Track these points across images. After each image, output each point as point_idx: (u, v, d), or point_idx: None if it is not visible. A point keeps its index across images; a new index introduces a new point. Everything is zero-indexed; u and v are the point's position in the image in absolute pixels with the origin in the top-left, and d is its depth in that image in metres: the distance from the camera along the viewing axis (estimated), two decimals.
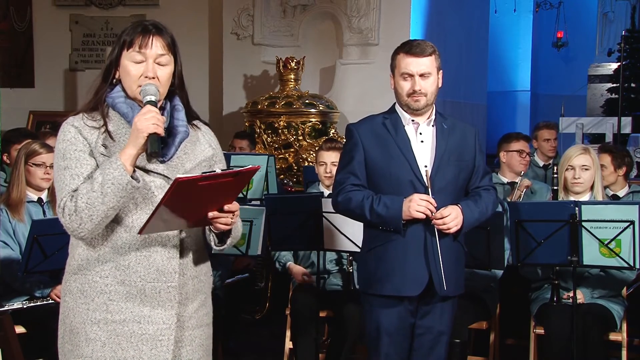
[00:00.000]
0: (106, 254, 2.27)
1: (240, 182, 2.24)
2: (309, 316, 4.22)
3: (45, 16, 9.06)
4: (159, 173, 2.29)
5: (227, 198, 2.25)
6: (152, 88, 2.25)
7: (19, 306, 3.83)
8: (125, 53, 2.30)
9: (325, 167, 4.48)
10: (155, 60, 2.29)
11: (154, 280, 2.28)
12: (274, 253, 4.59)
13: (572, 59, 13.59)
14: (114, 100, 2.31)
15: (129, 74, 2.29)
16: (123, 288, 2.26)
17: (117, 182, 2.16)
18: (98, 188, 2.16)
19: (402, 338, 3.17)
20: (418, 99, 3.11)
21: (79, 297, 2.28)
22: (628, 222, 3.48)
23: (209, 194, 2.17)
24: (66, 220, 2.21)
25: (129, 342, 2.26)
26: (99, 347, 2.25)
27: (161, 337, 2.28)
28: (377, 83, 7.49)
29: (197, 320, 2.39)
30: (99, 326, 2.26)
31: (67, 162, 2.24)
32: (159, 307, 2.28)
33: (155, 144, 2.18)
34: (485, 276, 4.20)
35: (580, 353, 3.72)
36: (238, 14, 8.40)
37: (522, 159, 5.00)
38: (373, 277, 3.15)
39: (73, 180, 2.22)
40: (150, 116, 2.18)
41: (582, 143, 8.04)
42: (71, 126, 2.28)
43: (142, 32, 2.29)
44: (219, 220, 2.26)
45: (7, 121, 5.72)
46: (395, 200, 3.04)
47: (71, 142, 2.26)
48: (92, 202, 2.16)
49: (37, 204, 4.10)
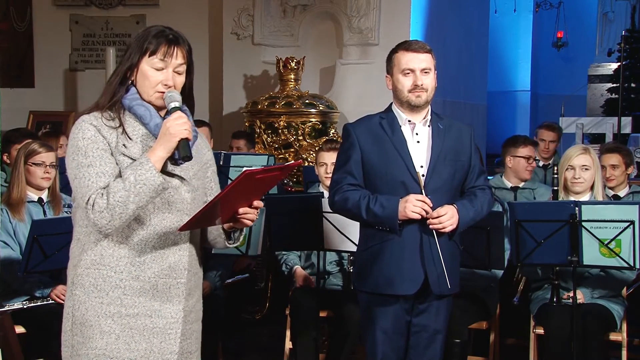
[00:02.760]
0: (122, 250, 2.34)
1: (279, 178, 2.40)
2: (309, 316, 4.22)
3: (45, 16, 9.05)
4: (176, 174, 2.38)
5: (258, 194, 2.38)
6: (176, 95, 2.36)
7: (19, 306, 3.83)
8: (146, 59, 2.37)
9: (326, 167, 4.48)
10: (174, 69, 2.38)
11: (166, 277, 2.38)
12: (280, 255, 4.60)
13: (572, 59, 13.58)
14: (130, 102, 2.38)
15: (147, 79, 2.37)
16: (137, 283, 2.35)
17: (149, 183, 2.25)
18: (130, 187, 2.23)
19: (399, 336, 3.20)
20: (420, 95, 3.12)
21: (92, 291, 2.34)
22: (628, 222, 3.48)
23: (252, 188, 2.30)
24: (96, 217, 2.26)
25: (142, 335, 2.35)
26: (113, 340, 2.33)
27: (170, 330, 2.39)
28: (377, 83, 7.45)
29: (195, 314, 2.50)
30: (113, 319, 2.34)
31: (90, 160, 2.30)
32: (168, 302, 2.38)
33: (187, 149, 2.29)
34: (485, 276, 4.21)
35: (580, 353, 3.72)
36: (238, 14, 8.40)
37: (529, 165, 4.96)
38: (369, 275, 3.17)
39: (100, 178, 2.28)
40: (182, 122, 2.29)
41: (582, 143, 8.04)
42: (90, 125, 2.34)
43: (167, 42, 2.37)
44: (247, 216, 2.38)
45: (7, 121, 5.72)
46: (391, 200, 3.06)
47: (92, 140, 2.32)
48: (124, 201, 2.23)
49: (37, 204, 4.10)
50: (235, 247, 4.16)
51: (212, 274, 4.46)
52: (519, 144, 4.98)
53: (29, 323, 3.91)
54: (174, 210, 2.37)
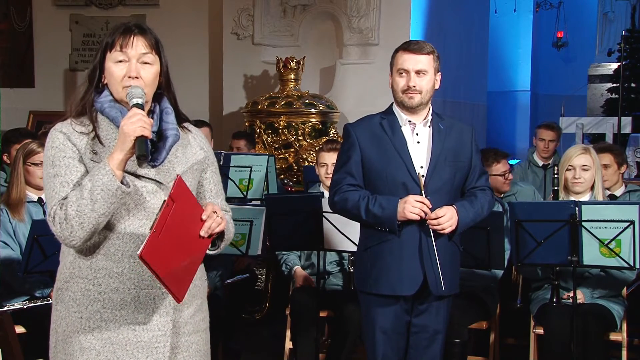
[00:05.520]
0: (99, 262, 2.23)
1: (183, 198, 2.14)
2: (309, 316, 4.22)
3: (45, 16, 9.06)
4: (151, 178, 2.25)
5: (192, 214, 2.19)
6: (138, 91, 2.21)
7: (19, 306, 3.82)
8: (108, 55, 2.27)
9: (327, 168, 4.47)
10: (138, 60, 2.26)
11: (148, 287, 2.24)
12: (280, 255, 4.59)
13: (572, 59, 13.58)
14: (102, 104, 2.27)
15: (112, 75, 2.26)
16: (117, 295, 2.23)
17: (106, 188, 2.12)
18: (87, 195, 2.12)
19: (399, 336, 3.21)
20: (412, 96, 3.12)
21: (72, 306, 2.25)
22: (628, 222, 3.48)
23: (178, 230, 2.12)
24: (57, 229, 2.18)
25: (124, 350, 2.23)
26: (93, 356, 2.22)
27: (157, 344, 2.25)
28: (377, 83, 7.49)
29: (193, 325, 2.36)
30: (93, 335, 2.23)
31: (57, 170, 2.21)
32: (153, 313, 2.25)
33: (142, 147, 2.14)
34: (485, 276, 4.20)
35: (580, 353, 3.72)
36: (238, 14, 8.40)
37: (506, 180, 4.90)
38: (369, 276, 3.18)
39: (63, 188, 2.19)
40: (136, 119, 2.14)
41: (582, 143, 8.04)
42: (59, 132, 2.25)
43: (123, 33, 2.27)
44: (210, 230, 2.22)
45: (7, 121, 5.71)
46: (390, 201, 3.06)
47: (60, 149, 2.22)
48: (82, 210, 2.12)
49: (37, 204, 4.10)
50: (236, 247, 4.20)
51: (212, 274, 4.46)
52: (490, 161, 4.82)
53: (29, 323, 3.90)
54: (151, 217, 2.21)
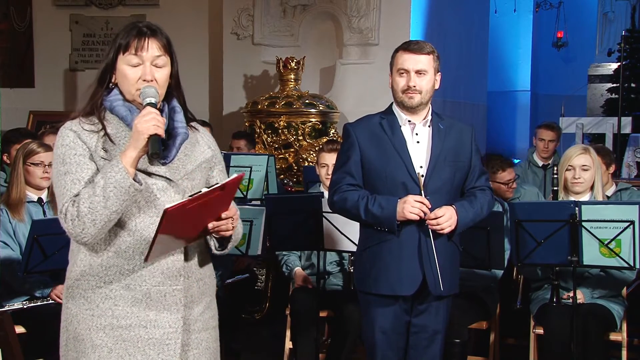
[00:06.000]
0: (110, 259, 2.25)
1: (229, 192, 2.23)
2: (309, 316, 4.22)
3: (45, 16, 9.06)
4: (161, 175, 2.28)
5: (221, 207, 2.26)
6: (151, 90, 2.24)
7: (19, 306, 3.83)
8: (121, 57, 2.28)
9: (327, 169, 4.46)
10: (152, 62, 2.28)
11: (159, 284, 2.27)
12: (280, 256, 4.59)
13: (572, 59, 13.57)
14: (112, 103, 2.30)
15: (126, 78, 2.28)
16: (128, 293, 2.25)
17: (119, 185, 2.14)
18: (100, 192, 2.14)
19: (398, 336, 3.21)
20: (412, 96, 3.12)
21: (83, 304, 2.26)
22: (628, 222, 3.48)
23: (202, 211, 2.18)
24: (69, 226, 2.19)
25: (136, 347, 2.25)
26: (105, 354, 2.24)
27: (168, 341, 2.27)
28: (377, 83, 7.49)
29: (202, 323, 2.39)
30: (105, 332, 2.24)
31: (68, 167, 2.23)
32: (165, 310, 2.27)
33: (156, 145, 2.18)
34: (485, 276, 4.20)
35: (580, 353, 3.72)
36: (238, 14, 8.40)
37: (509, 188, 4.85)
38: (368, 276, 3.18)
39: (74, 185, 2.21)
40: (150, 117, 2.17)
41: (582, 143, 8.04)
42: (69, 130, 2.27)
43: (137, 35, 2.28)
44: (219, 228, 2.27)
45: (7, 121, 5.72)
46: (390, 201, 3.06)
47: (70, 147, 2.24)
48: (95, 207, 2.14)
49: (37, 204, 4.10)
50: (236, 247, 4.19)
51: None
52: (495, 168, 4.79)
53: (29, 323, 3.90)
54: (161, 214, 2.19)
